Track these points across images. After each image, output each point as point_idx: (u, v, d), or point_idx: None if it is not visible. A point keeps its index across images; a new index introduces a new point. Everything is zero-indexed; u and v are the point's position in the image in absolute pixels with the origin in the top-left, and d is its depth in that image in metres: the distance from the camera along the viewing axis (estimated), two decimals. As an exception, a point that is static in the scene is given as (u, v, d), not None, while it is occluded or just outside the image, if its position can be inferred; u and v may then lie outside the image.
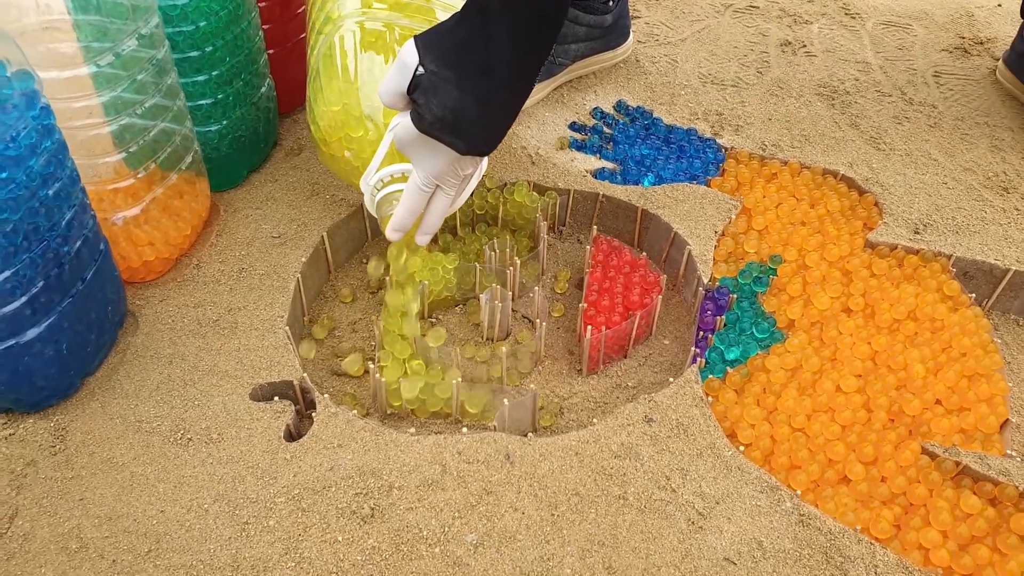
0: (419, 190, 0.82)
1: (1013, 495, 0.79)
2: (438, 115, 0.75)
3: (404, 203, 0.83)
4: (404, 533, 0.75)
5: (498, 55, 0.73)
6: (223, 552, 0.73)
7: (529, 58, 0.76)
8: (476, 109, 0.75)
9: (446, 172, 0.80)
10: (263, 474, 0.79)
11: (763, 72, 1.38)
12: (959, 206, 1.10)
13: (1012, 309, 1.04)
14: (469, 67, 0.74)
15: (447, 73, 0.74)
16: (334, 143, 0.93)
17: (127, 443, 0.81)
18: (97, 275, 0.85)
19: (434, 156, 0.79)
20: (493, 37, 0.72)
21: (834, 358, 0.92)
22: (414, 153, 0.80)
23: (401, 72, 0.76)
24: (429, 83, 0.74)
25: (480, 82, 0.74)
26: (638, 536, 0.75)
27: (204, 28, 0.98)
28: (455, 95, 0.74)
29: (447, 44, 0.74)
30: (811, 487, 0.82)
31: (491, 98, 0.75)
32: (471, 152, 0.78)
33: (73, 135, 0.84)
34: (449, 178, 0.81)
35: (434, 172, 0.80)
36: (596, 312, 0.97)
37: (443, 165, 0.79)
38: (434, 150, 0.78)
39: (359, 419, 0.84)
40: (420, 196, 0.82)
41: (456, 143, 0.76)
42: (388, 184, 0.86)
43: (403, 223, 0.84)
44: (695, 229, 1.05)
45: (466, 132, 0.76)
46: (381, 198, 0.87)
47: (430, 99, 0.74)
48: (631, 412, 0.85)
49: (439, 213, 0.85)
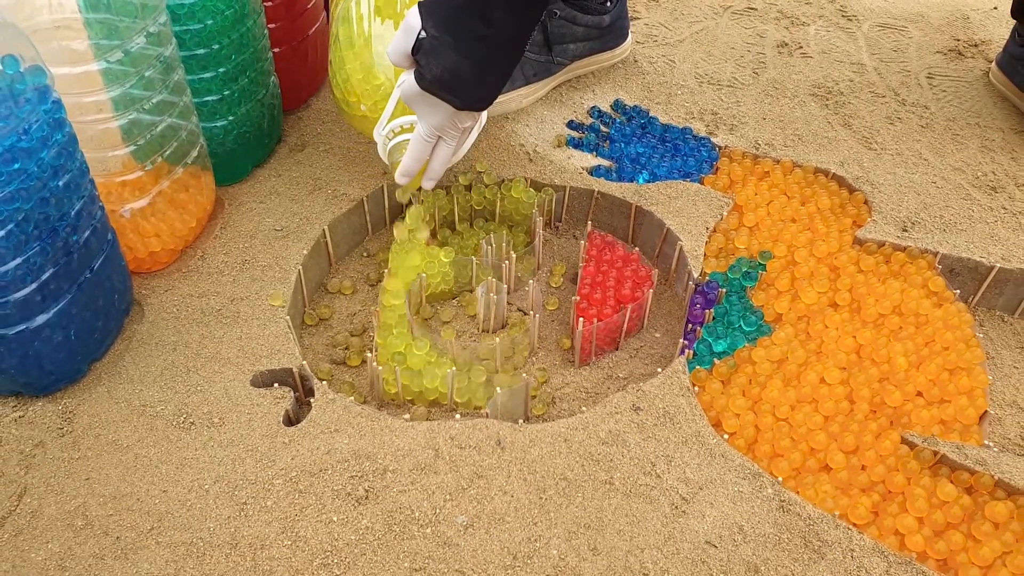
0: (423, 140, 0.92)
1: (989, 484, 0.81)
2: (437, 75, 0.84)
3: (410, 152, 0.93)
4: (397, 514, 0.77)
5: (493, 23, 0.81)
6: (222, 530, 0.76)
7: (522, 26, 0.84)
8: (472, 71, 0.84)
9: (446, 125, 0.90)
10: (262, 457, 0.82)
11: (759, 73, 1.40)
12: (947, 204, 1.12)
13: (997, 305, 1.06)
14: (466, 33, 0.82)
15: (446, 38, 0.82)
16: (352, 99, 1.02)
17: (132, 426, 0.84)
18: (105, 264, 0.88)
19: (435, 110, 0.88)
20: (489, 6, 0.80)
21: (819, 351, 0.95)
22: (418, 107, 0.89)
23: (406, 35, 0.85)
24: (430, 46, 0.83)
25: (476, 46, 0.83)
26: (623, 519, 0.78)
27: (211, 26, 1.01)
28: (453, 58, 0.83)
29: (447, 11, 0.82)
30: (793, 474, 0.84)
31: (486, 61, 0.85)
32: (467, 108, 0.88)
33: (83, 129, 0.87)
34: (449, 130, 0.91)
35: (436, 124, 0.90)
36: (588, 305, 1.00)
37: (443, 118, 0.89)
38: (435, 105, 0.88)
39: (356, 405, 0.87)
40: (424, 146, 0.93)
41: (453, 100, 0.86)
42: (398, 135, 0.97)
43: (410, 169, 0.95)
44: (687, 225, 1.08)
45: (462, 91, 0.86)
46: (392, 147, 0.98)
47: (430, 60, 0.84)
48: (619, 401, 0.88)
49: (442, 161, 0.95)
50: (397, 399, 0.95)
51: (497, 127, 1.24)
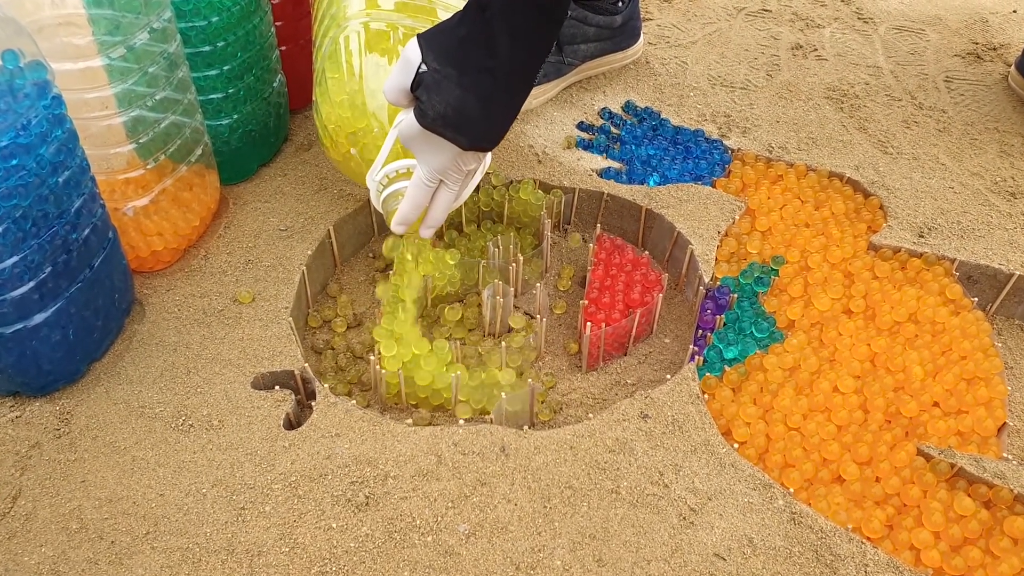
0: (423, 185, 0.83)
1: (1007, 498, 0.78)
2: (440, 112, 0.76)
3: (408, 198, 0.85)
4: (397, 522, 0.76)
5: (499, 53, 0.74)
6: (219, 536, 0.74)
7: (530, 56, 0.77)
8: (478, 106, 0.76)
9: (449, 167, 0.82)
10: (261, 461, 0.80)
11: (773, 75, 1.38)
12: (965, 210, 1.10)
13: (1016, 314, 1.03)
14: (470, 65, 0.75)
15: (449, 71, 0.75)
16: (341, 141, 0.95)
17: (130, 428, 0.83)
18: (105, 263, 0.87)
19: (437, 152, 0.80)
20: (494, 36, 0.73)
21: (833, 359, 0.92)
22: (418, 149, 0.81)
23: (404, 69, 0.77)
24: (432, 80, 0.76)
25: (481, 80, 0.75)
26: (629, 530, 0.76)
27: (216, 23, 1.00)
28: (457, 92, 0.75)
29: (449, 42, 0.76)
30: (804, 486, 0.82)
31: (492, 95, 0.77)
32: (473, 148, 0.79)
33: (85, 126, 0.86)
34: (452, 173, 0.83)
35: (437, 167, 0.82)
36: (597, 309, 0.98)
37: (446, 160, 0.81)
38: (437, 146, 0.79)
39: (358, 409, 0.85)
40: (424, 191, 0.84)
41: (458, 139, 0.78)
42: (394, 180, 0.88)
43: (407, 217, 0.86)
44: (698, 229, 1.06)
45: (468, 128, 0.78)
46: (388, 194, 0.89)
47: (432, 96, 0.76)
48: (627, 408, 0.86)
49: (443, 207, 0.86)
50: (400, 403, 0.93)
51: (506, 128, 1.22)
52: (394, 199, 0.89)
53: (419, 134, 0.79)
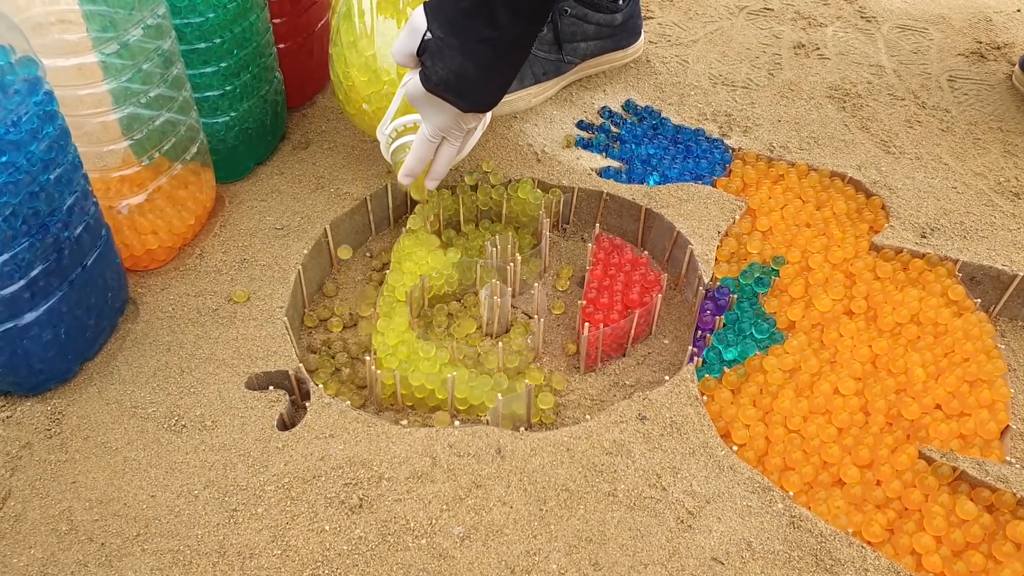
0: (427, 141, 0.91)
1: (1010, 502, 0.77)
2: (443, 77, 0.83)
3: (414, 152, 0.92)
4: (391, 524, 0.75)
5: (499, 25, 0.80)
6: (211, 538, 0.74)
7: (528, 28, 0.83)
8: (477, 73, 0.83)
9: (450, 126, 0.89)
10: (254, 462, 0.79)
11: (774, 74, 1.37)
12: (968, 210, 1.09)
13: (1020, 316, 1.02)
14: (472, 35, 0.81)
15: (452, 40, 0.81)
16: (354, 97, 1.01)
17: (122, 428, 0.82)
18: (98, 261, 0.86)
19: (440, 112, 0.87)
20: (494, 8, 0.79)
21: (833, 360, 0.91)
22: (422, 108, 0.88)
23: (411, 35, 0.84)
24: (436, 47, 0.82)
25: (481, 49, 0.81)
26: (626, 533, 0.75)
27: (213, 20, 0.99)
28: (458, 60, 0.82)
29: (452, 12, 0.81)
30: (804, 489, 0.81)
31: (491, 64, 0.83)
32: (472, 110, 0.87)
33: (78, 123, 0.85)
34: (453, 131, 0.90)
35: (440, 125, 0.89)
36: (595, 310, 0.97)
37: (448, 120, 0.88)
38: (439, 107, 0.87)
39: (352, 410, 0.84)
40: (428, 146, 0.91)
41: (458, 102, 0.85)
42: (401, 135, 0.95)
43: (413, 169, 0.94)
44: (698, 229, 1.05)
45: (467, 93, 0.85)
46: (395, 147, 0.96)
47: (436, 62, 0.83)
48: (625, 409, 0.85)
49: (445, 162, 0.94)
50: (396, 404, 0.92)
51: (505, 126, 1.21)
52: (401, 151, 0.96)
53: (423, 95, 0.86)
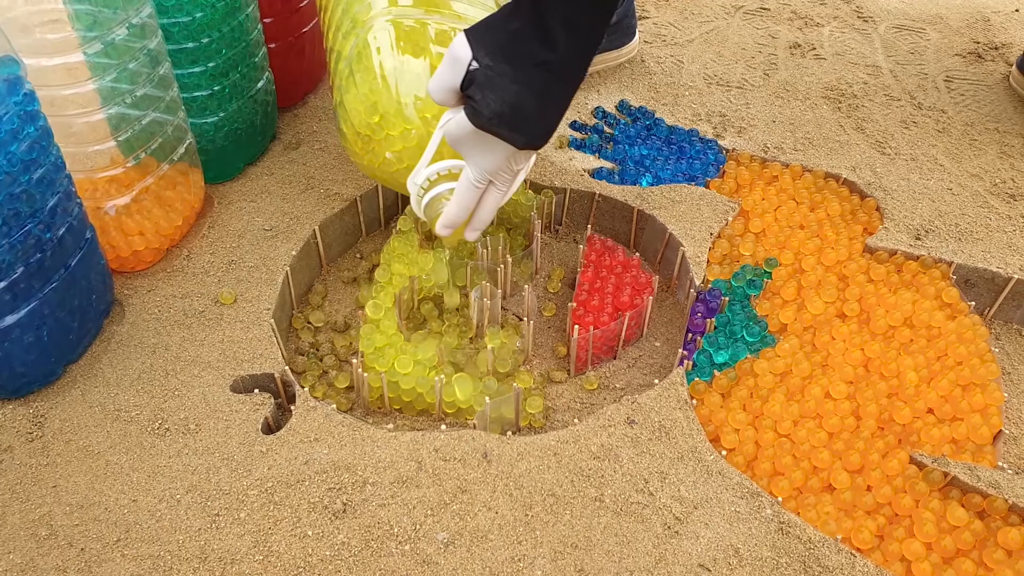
0: (472, 186, 0.80)
1: (1002, 508, 0.76)
2: (496, 110, 0.73)
3: (456, 200, 0.81)
4: (375, 529, 0.74)
5: (555, 46, 0.71)
6: (192, 543, 0.73)
7: (584, 48, 0.74)
8: (534, 102, 0.73)
9: (501, 167, 0.78)
10: (238, 466, 0.79)
11: (770, 74, 1.36)
12: (963, 212, 1.08)
13: (1015, 319, 1.01)
14: (525, 59, 0.72)
15: (503, 67, 0.72)
16: (375, 147, 0.91)
17: (104, 431, 0.81)
18: (81, 263, 0.85)
19: (489, 151, 0.77)
20: (549, 28, 0.70)
21: (825, 364, 0.90)
22: (468, 149, 0.78)
23: (453, 67, 0.73)
24: (485, 78, 0.72)
25: (537, 74, 0.72)
26: (612, 539, 0.74)
27: (200, 19, 0.98)
28: (513, 89, 0.72)
29: (501, 37, 0.72)
30: (793, 494, 0.80)
31: (548, 90, 0.73)
32: (530, 146, 0.76)
33: (63, 123, 0.84)
34: (503, 173, 0.79)
35: (488, 167, 0.78)
36: (585, 312, 0.96)
37: (498, 160, 0.77)
38: (490, 145, 0.76)
39: (338, 413, 0.83)
40: (473, 192, 0.80)
41: (515, 137, 0.75)
42: (435, 183, 0.85)
43: (455, 219, 0.82)
44: (690, 230, 1.04)
45: (525, 126, 0.74)
46: (431, 199, 0.85)
47: (487, 94, 0.72)
48: (613, 413, 0.84)
49: (491, 209, 0.83)
50: (384, 407, 0.91)
51: (497, 127, 1.20)
52: (437, 203, 0.85)
53: (470, 134, 0.75)
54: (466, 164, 0.79)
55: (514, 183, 0.83)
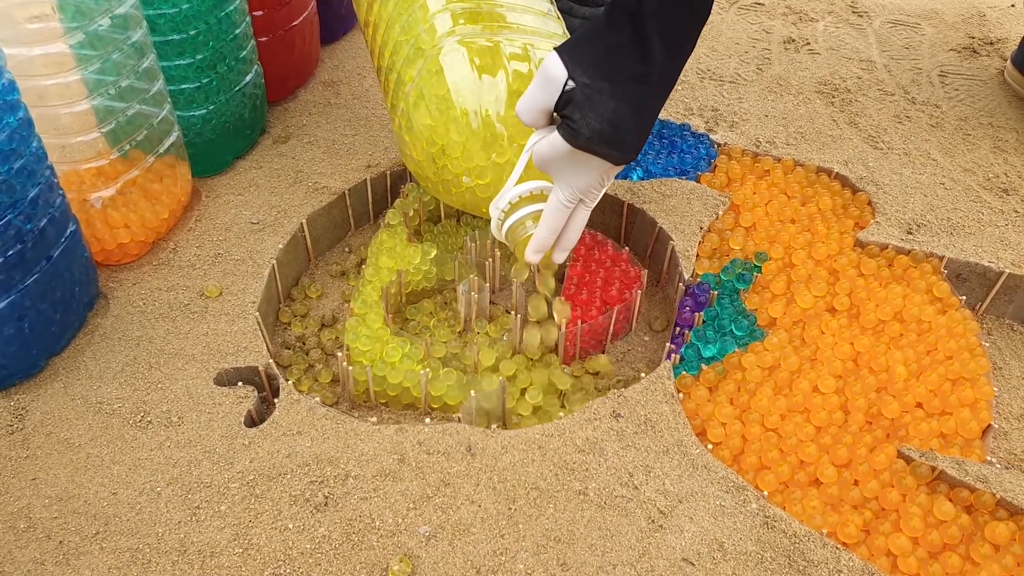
0: (563, 207, 0.76)
1: (989, 503, 0.76)
2: (596, 129, 0.70)
3: (546, 222, 0.77)
4: (356, 523, 0.73)
5: (653, 59, 0.69)
6: (171, 536, 0.72)
7: (680, 58, 0.72)
8: (634, 117, 0.70)
9: (593, 185, 0.75)
10: (219, 459, 0.78)
11: (763, 69, 1.35)
12: (955, 207, 1.07)
13: (1007, 313, 1.00)
14: (623, 74, 0.69)
15: (601, 84, 0.69)
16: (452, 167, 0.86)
17: (86, 424, 0.81)
18: (64, 255, 0.84)
19: (584, 170, 0.74)
20: (647, 40, 0.68)
21: (814, 358, 0.90)
22: (559, 170, 0.74)
23: (546, 87, 0.71)
24: (583, 96, 0.69)
25: (635, 88, 0.70)
26: (596, 533, 0.73)
27: (186, 11, 0.98)
28: (612, 106, 0.69)
29: (597, 53, 0.70)
30: (780, 488, 0.79)
31: (646, 104, 0.71)
32: (627, 160, 0.73)
33: (44, 113, 0.83)
34: (594, 191, 0.76)
35: (581, 187, 0.75)
36: (574, 306, 0.95)
37: (592, 179, 0.74)
38: (584, 164, 0.73)
39: (321, 407, 0.82)
40: (563, 213, 0.77)
41: (614, 154, 0.72)
42: (517, 206, 0.81)
43: (545, 243, 0.78)
44: (680, 224, 1.03)
45: (623, 142, 0.71)
46: (515, 222, 0.81)
47: (586, 113, 0.70)
48: (599, 407, 0.83)
49: (579, 228, 0.80)
50: (369, 401, 0.90)
51: (487, 121, 1.19)
52: (521, 226, 0.81)
53: (563, 155, 0.72)
54: (556, 185, 0.76)
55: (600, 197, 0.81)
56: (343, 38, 1.41)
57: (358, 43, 1.39)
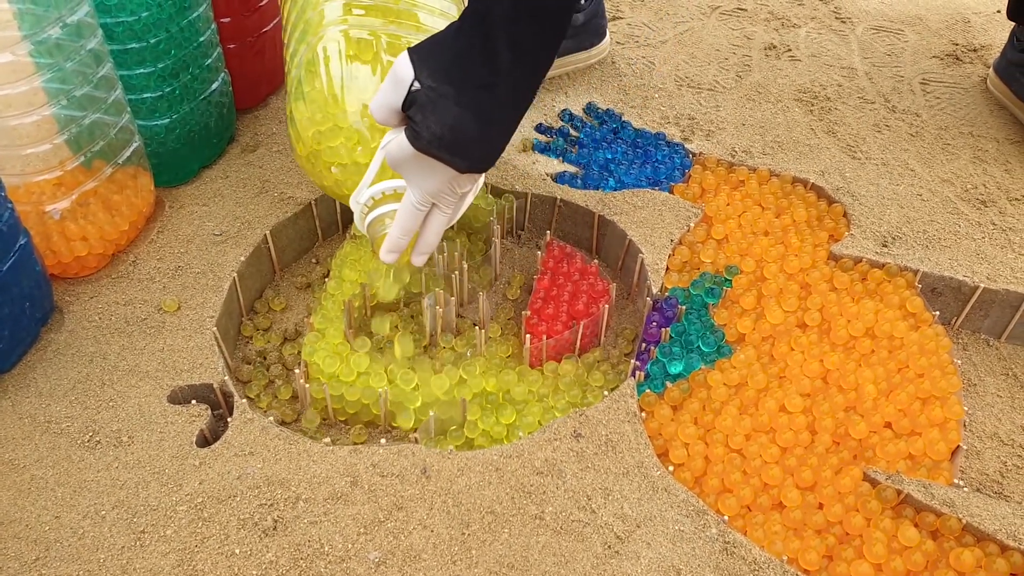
0: (414, 209, 0.77)
1: (956, 528, 0.74)
2: (436, 133, 0.70)
3: (399, 223, 0.79)
4: (304, 548, 0.71)
5: (501, 68, 0.68)
6: (113, 562, 0.70)
7: (532, 71, 0.71)
8: (476, 126, 0.70)
9: (443, 190, 0.76)
10: (168, 480, 0.76)
11: (743, 76, 1.33)
12: (932, 219, 1.05)
13: (982, 328, 0.99)
14: (469, 81, 0.69)
15: (445, 88, 0.69)
16: (319, 161, 0.88)
17: (32, 444, 0.79)
18: (13, 270, 0.82)
19: (430, 174, 0.74)
20: (496, 49, 0.67)
21: (782, 375, 0.88)
22: (408, 171, 0.75)
23: (395, 87, 0.71)
24: (426, 99, 0.70)
25: (481, 97, 0.69)
26: (550, 559, 0.71)
27: (146, 19, 0.96)
28: (454, 111, 0.69)
29: (445, 57, 0.69)
30: (741, 512, 0.77)
31: (492, 113, 0.71)
32: (471, 170, 0.74)
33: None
34: (446, 196, 0.77)
35: (430, 191, 0.76)
36: (539, 320, 0.94)
37: (440, 183, 0.75)
38: (430, 168, 0.74)
39: (275, 426, 0.81)
40: (415, 215, 0.78)
41: (455, 161, 0.72)
42: (379, 203, 0.82)
43: (398, 244, 0.80)
44: (651, 237, 1.01)
45: (466, 150, 0.72)
46: (373, 219, 0.82)
47: (428, 116, 0.70)
48: (559, 426, 0.81)
49: (436, 232, 0.81)
50: (328, 419, 0.89)
51: (459, 129, 1.17)
52: (380, 224, 0.83)
53: (410, 156, 0.73)
54: (407, 186, 0.76)
55: (460, 206, 0.81)
56: (317, 44, 1.39)
57: (332, 49, 1.37)
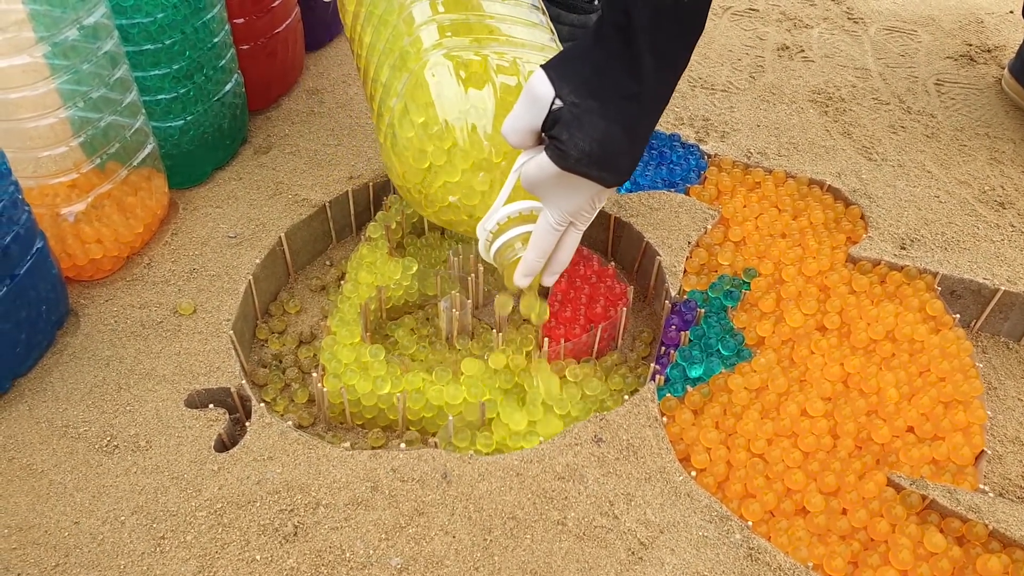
0: (552, 230, 0.74)
1: (982, 534, 0.73)
2: (585, 150, 0.67)
3: (536, 246, 0.75)
4: (326, 554, 0.71)
5: (645, 75, 0.65)
6: (133, 568, 0.70)
7: (672, 76, 0.68)
8: (624, 137, 0.68)
9: (583, 208, 0.73)
10: (187, 485, 0.76)
11: (756, 77, 1.32)
12: (950, 221, 1.04)
13: (1002, 331, 0.98)
14: (613, 93, 0.66)
15: (590, 103, 0.66)
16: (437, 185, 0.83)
17: (50, 449, 0.78)
18: (30, 273, 0.82)
19: (573, 193, 0.71)
20: (638, 57, 0.65)
21: (803, 379, 0.87)
22: (548, 192, 0.72)
23: (532, 107, 0.68)
24: (571, 116, 0.66)
25: (627, 107, 0.67)
26: (573, 565, 0.71)
27: (161, 20, 0.95)
28: (602, 126, 0.66)
29: (585, 70, 0.66)
30: (765, 518, 0.77)
31: (637, 124, 0.68)
32: (618, 183, 0.71)
33: (11, 127, 0.81)
34: (585, 213, 0.74)
35: (571, 209, 0.73)
36: (556, 324, 0.93)
37: (583, 201, 0.72)
38: (574, 187, 0.71)
39: (293, 431, 0.80)
40: (553, 236, 0.75)
41: (603, 176, 0.69)
42: (506, 226, 0.79)
43: (534, 267, 0.76)
44: (668, 239, 1.00)
45: (614, 164, 0.69)
46: (502, 244, 0.79)
47: (574, 133, 0.67)
48: (580, 431, 0.81)
49: (570, 251, 0.78)
50: (346, 422, 0.88)
51: (473, 131, 1.17)
52: (509, 249, 0.79)
53: (552, 176, 0.69)
54: (545, 207, 0.73)
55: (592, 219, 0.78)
56: (329, 44, 1.39)
57: (344, 50, 1.37)
